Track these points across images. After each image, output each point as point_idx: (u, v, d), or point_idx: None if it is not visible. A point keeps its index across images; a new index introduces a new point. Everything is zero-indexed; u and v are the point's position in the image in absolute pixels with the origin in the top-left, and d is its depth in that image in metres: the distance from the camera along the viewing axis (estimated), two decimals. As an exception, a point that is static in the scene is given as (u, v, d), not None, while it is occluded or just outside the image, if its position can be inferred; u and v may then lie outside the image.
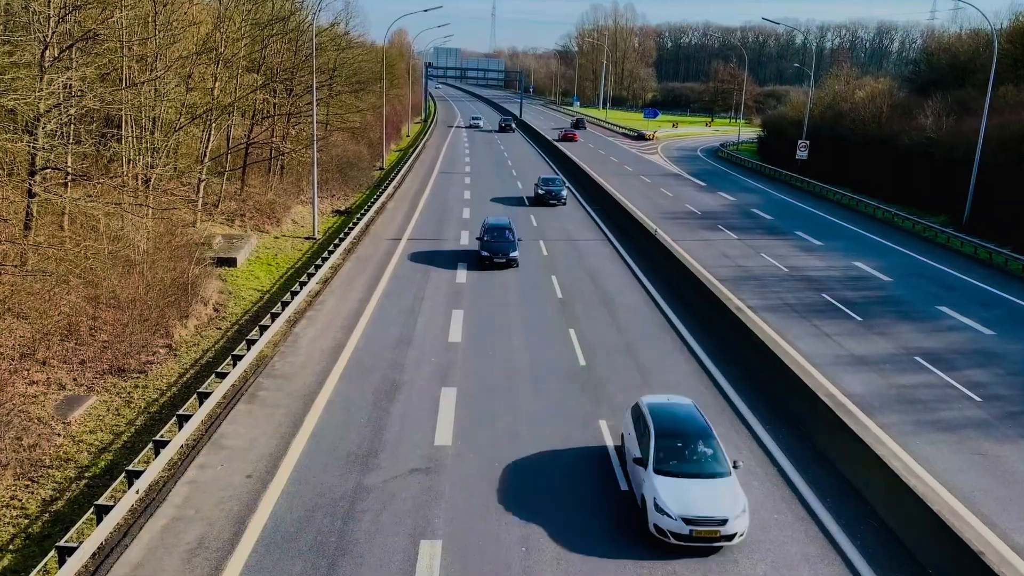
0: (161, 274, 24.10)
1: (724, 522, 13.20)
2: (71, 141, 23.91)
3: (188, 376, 20.58)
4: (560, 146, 76.78)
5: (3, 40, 20.31)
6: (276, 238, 36.75)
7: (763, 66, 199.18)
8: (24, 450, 15.92)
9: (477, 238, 34.06)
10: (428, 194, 50.95)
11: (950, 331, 26.60)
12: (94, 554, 12.82)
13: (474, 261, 33.04)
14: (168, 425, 16.83)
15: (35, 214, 21.70)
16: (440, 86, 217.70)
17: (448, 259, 33.58)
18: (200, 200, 34.58)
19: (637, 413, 15.64)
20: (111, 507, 13.39)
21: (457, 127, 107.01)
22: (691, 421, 15.02)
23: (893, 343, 25.09)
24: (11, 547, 13.28)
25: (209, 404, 17.76)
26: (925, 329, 26.65)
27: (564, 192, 48.11)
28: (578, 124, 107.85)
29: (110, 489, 14.14)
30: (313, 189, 38.32)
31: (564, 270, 32.35)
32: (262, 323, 23.09)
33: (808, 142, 65.47)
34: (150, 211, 26.23)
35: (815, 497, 15.45)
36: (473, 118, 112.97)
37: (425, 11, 63.98)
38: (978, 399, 20.82)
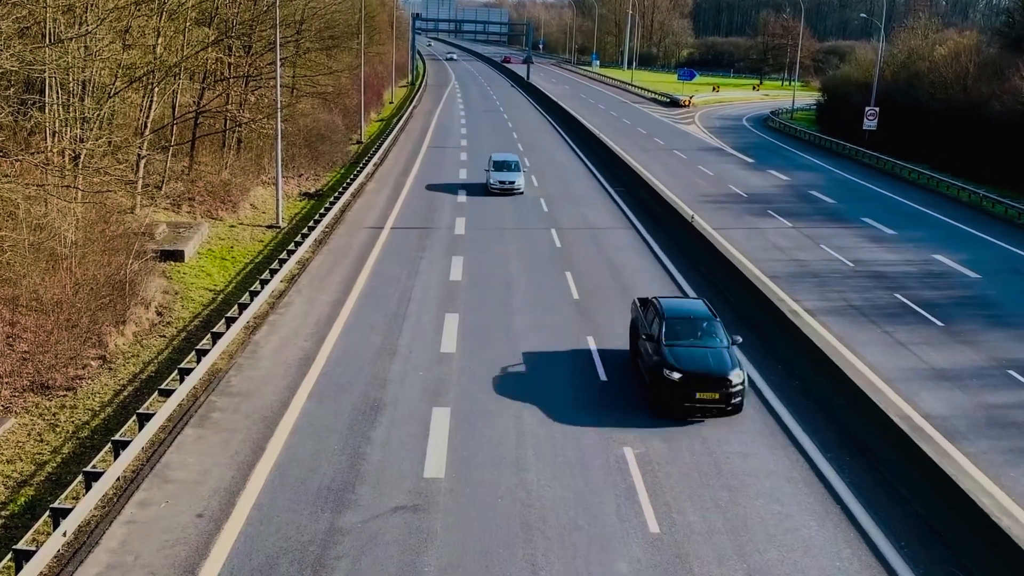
0: (93, 270, 24.13)
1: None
2: (-16, 110, 23.95)
3: (126, 394, 20.64)
4: (578, 117, 76.84)
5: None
6: (232, 226, 36.84)
7: (823, 17, 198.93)
8: (-72, 484, 15.97)
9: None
10: (416, 173, 51.01)
11: (1051, 339, 26.58)
12: (12, 609, 12.85)
13: (471, 255, 33.05)
14: (102, 453, 16.86)
15: (-59, 198, 21.76)
16: (454, 54, 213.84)
17: (440, 252, 33.61)
18: (140, 181, 34.63)
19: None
20: (33, 552, 13.41)
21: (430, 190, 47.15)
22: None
23: (982, 354, 25.05)
24: (-88, 601, 13.31)
25: (151, 428, 17.78)
26: (1021, 337, 26.59)
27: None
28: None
29: (32, 531, 14.18)
30: (277, 167, 38.36)
31: (581, 265, 32.37)
32: (215, 330, 23.14)
33: (877, 109, 65.35)
34: (80, 194, 26.26)
35: (887, 542, 15.43)
36: (501, 176, 45.91)
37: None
38: (1086, 422, 20.78)
